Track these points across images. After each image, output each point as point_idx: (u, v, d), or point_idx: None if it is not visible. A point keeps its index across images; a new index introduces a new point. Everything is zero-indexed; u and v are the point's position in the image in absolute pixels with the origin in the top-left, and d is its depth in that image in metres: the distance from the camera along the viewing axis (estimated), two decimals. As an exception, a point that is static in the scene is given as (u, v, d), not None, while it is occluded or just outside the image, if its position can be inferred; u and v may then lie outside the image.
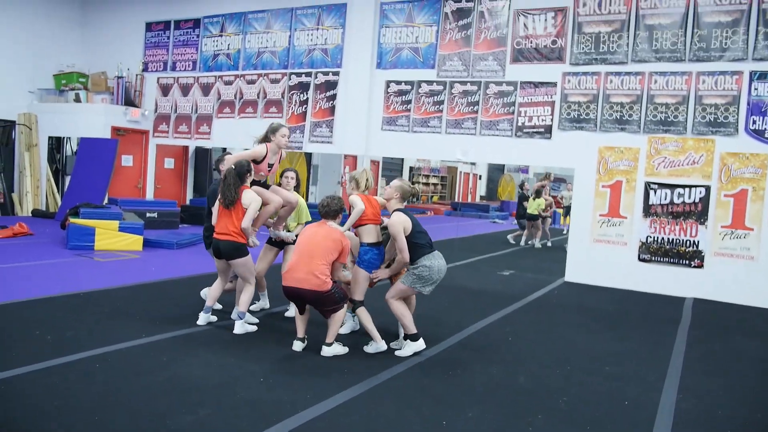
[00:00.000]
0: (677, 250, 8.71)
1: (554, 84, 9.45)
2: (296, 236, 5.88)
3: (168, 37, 13.44)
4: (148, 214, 12.02)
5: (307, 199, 20.60)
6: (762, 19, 8.24)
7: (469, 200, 30.64)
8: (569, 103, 9.36)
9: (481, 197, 33.06)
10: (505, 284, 8.94)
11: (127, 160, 13.80)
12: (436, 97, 10.30)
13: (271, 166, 5.96)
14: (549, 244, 14.46)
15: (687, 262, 8.66)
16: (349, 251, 5.14)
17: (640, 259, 8.92)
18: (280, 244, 6.25)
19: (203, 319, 5.70)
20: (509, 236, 14.90)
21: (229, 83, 12.51)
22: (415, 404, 4.05)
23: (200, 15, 12.94)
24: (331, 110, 11.33)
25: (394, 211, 5.23)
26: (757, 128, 8.32)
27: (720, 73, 8.49)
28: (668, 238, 8.77)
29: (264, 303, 6.51)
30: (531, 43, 9.65)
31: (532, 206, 14.14)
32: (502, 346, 5.62)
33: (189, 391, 4.01)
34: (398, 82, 10.50)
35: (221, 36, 12.67)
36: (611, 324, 6.84)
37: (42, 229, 11.28)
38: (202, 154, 15.36)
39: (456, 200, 28.53)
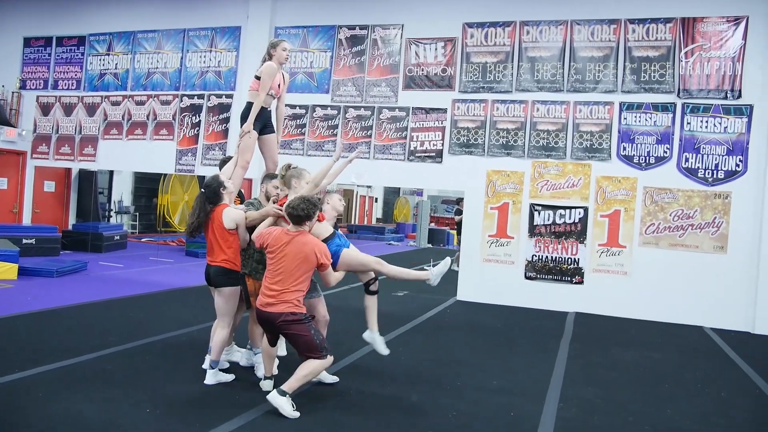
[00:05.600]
0: (560, 268, 9.23)
1: (444, 110, 9.82)
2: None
3: (49, 54, 12.74)
4: (24, 241, 11.29)
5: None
6: (628, 55, 9.02)
7: (366, 223, 30.94)
8: (459, 129, 9.75)
9: (378, 219, 33.48)
10: (400, 305, 9.08)
11: (0, 183, 12.88)
12: (330, 122, 10.40)
13: (279, 86, 5.71)
14: None
15: (569, 278, 9.19)
16: None
17: (526, 277, 9.37)
18: None
19: (211, 377, 4.78)
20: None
21: (116, 104, 12.02)
22: (304, 429, 4.03)
23: (85, 32, 12.38)
24: (225, 133, 11.15)
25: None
26: (627, 154, 9.03)
27: (594, 103, 9.16)
28: (552, 257, 9.28)
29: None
30: (422, 70, 9.99)
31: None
32: (395, 366, 5.70)
33: (69, 429, 3.78)
34: (293, 106, 10.49)
35: (108, 55, 12.18)
36: (500, 340, 7.13)
37: None
38: (86, 176, 14.59)
39: (352, 223, 28.72)
